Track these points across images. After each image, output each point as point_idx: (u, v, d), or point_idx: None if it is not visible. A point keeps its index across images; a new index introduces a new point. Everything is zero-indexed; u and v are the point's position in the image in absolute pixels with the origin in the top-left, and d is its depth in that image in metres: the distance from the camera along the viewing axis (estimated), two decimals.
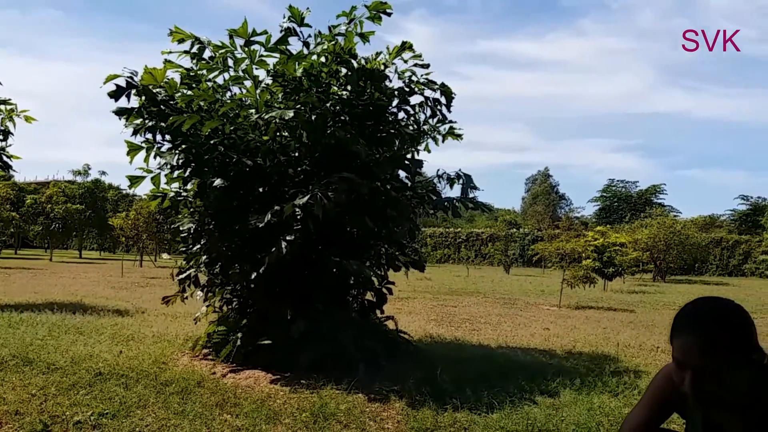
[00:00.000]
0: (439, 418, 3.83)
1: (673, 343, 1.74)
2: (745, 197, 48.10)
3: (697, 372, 1.67)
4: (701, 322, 1.72)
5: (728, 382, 1.67)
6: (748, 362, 1.69)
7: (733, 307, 1.77)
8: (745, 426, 1.72)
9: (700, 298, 1.85)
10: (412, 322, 8.54)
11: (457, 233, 44.87)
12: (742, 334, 1.71)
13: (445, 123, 6.02)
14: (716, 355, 1.65)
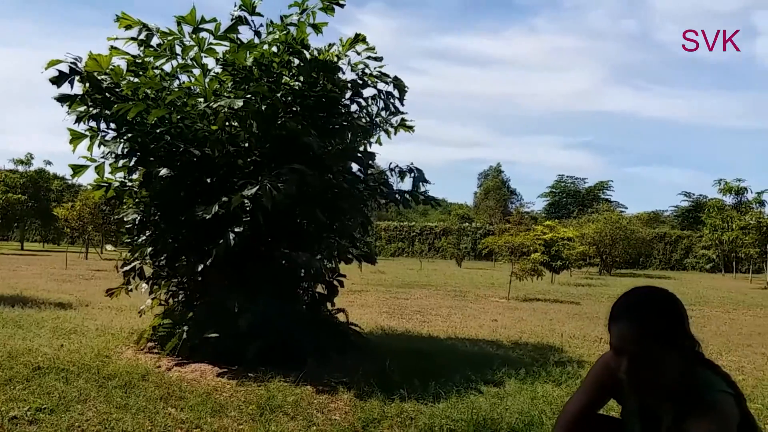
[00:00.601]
0: (386, 408, 3.86)
1: (610, 331, 1.81)
2: (687, 194, 49.99)
3: (632, 358, 1.74)
4: (636, 310, 1.80)
5: (661, 367, 1.73)
6: (679, 349, 1.77)
7: (666, 295, 1.85)
8: (676, 411, 1.79)
9: (636, 287, 1.92)
10: (363, 315, 8.57)
11: (411, 227, 45.13)
12: (675, 322, 1.79)
13: (397, 115, 6.05)
14: (650, 341, 1.72)
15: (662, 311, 1.80)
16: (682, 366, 1.77)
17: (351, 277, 16.15)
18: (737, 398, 1.76)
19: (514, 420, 3.69)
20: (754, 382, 5.28)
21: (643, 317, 1.76)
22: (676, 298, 1.84)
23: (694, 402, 1.71)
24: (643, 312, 1.78)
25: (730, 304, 13.95)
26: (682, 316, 1.81)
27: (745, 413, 1.77)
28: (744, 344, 7.63)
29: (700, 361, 1.86)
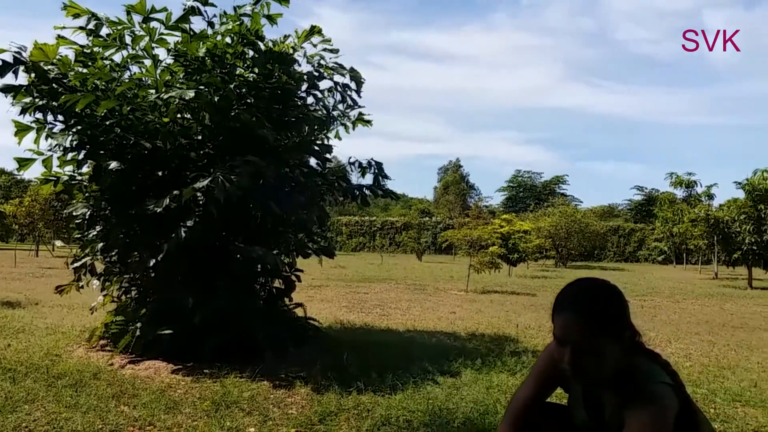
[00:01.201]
0: (342, 401, 3.86)
1: (553, 322, 1.84)
2: (640, 188, 51.42)
3: (574, 349, 1.77)
4: (579, 302, 1.83)
5: (603, 358, 1.77)
6: (621, 339, 1.81)
7: (607, 287, 1.88)
8: (618, 400, 1.82)
9: (579, 279, 1.96)
10: (323, 309, 8.54)
11: (372, 222, 45.15)
12: (616, 313, 1.82)
13: (354, 109, 6.04)
14: (592, 332, 1.75)
15: (603, 302, 1.83)
16: (623, 356, 1.81)
17: (311, 272, 16.12)
18: (676, 388, 1.79)
19: (470, 409, 3.74)
20: (700, 368, 5.47)
21: (585, 309, 1.79)
22: (617, 289, 1.87)
23: (634, 392, 1.75)
24: (584, 303, 1.81)
25: (680, 294, 14.41)
26: (623, 307, 1.85)
27: (685, 402, 1.81)
28: (692, 332, 7.89)
29: (640, 352, 1.89)
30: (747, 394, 4.48)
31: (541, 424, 2.07)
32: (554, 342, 1.87)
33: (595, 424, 1.94)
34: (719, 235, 19.27)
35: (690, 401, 1.86)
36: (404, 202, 60.77)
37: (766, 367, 5.65)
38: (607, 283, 1.91)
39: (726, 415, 3.95)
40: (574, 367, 1.77)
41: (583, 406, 1.98)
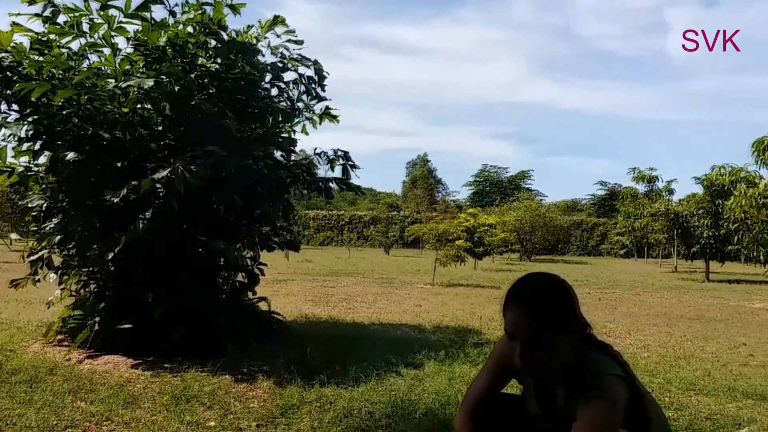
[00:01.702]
0: (305, 394, 3.85)
1: (504, 317, 1.86)
2: (603, 183, 52.28)
3: (524, 343, 1.79)
4: (527, 297, 1.84)
5: (553, 351, 1.79)
6: (570, 333, 1.84)
7: (556, 281, 1.91)
8: (568, 392, 1.85)
9: (528, 274, 1.98)
10: (288, 303, 8.50)
11: (340, 216, 45.03)
12: (565, 307, 1.84)
13: (320, 102, 6.00)
14: (541, 326, 1.77)
15: (551, 297, 1.85)
16: (573, 349, 1.83)
17: (277, 267, 15.99)
18: (626, 379, 1.82)
19: (431, 400, 3.77)
20: (657, 359, 5.61)
21: (534, 303, 1.81)
22: (566, 283, 1.89)
23: (585, 385, 1.77)
24: (533, 298, 1.83)
25: (640, 287, 14.75)
26: (572, 301, 1.87)
27: (635, 392, 1.83)
28: (651, 324, 8.09)
29: (591, 344, 1.92)
30: (701, 383, 4.61)
31: (496, 414, 2.09)
32: (505, 336, 1.89)
33: (547, 415, 1.97)
34: (678, 230, 19.78)
35: (640, 391, 1.88)
36: (372, 196, 60.79)
37: (719, 357, 5.82)
38: (555, 277, 1.93)
39: (680, 403, 4.07)
40: (524, 362, 1.79)
41: (535, 398, 2.01)
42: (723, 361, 5.60)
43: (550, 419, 1.95)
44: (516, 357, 1.80)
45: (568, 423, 1.77)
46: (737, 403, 4.11)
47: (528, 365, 1.80)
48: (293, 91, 5.80)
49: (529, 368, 1.81)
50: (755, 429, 3.52)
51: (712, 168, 15.23)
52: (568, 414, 1.78)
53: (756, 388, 4.47)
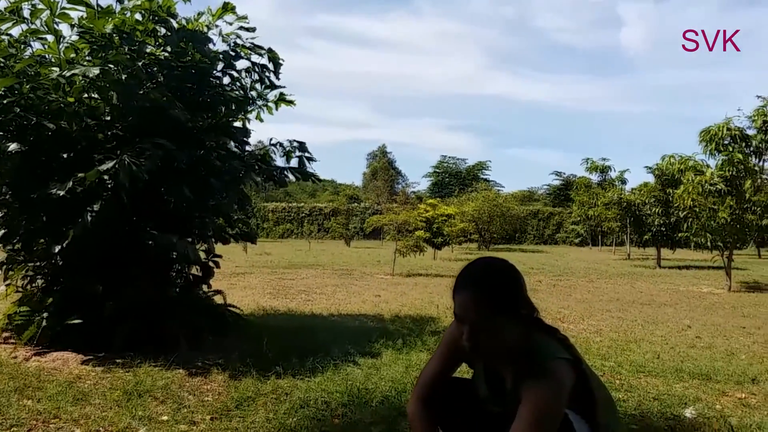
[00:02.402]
0: (261, 386, 3.82)
1: (453, 300, 1.87)
2: (558, 174, 53.39)
3: (473, 326, 1.81)
4: (475, 281, 1.86)
5: (500, 334, 1.81)
6: (518, 316, 1.86)
7: (505, 265, 1.93)
8: (516, 375, 1.88)
9: (478, 259, 2.00)
10: (245, 297, 8.41)
11: (299, 208, 44.72)
12: (513, 291, 1.87)
13: (274, 89, 5.91)
14: (489, 310, 1.79)
15: (499, 281, 1.87)
16: (520, 333, 1.85)
17: (235, 259, 15.79)
18: (573, 362, 1.85)
19: (388, 388, 3.78)
20: (609, 343, 5.75)
21: (482, 287, 1.83)
22: (514, 267, 1.92)
23: (531, 368, 1.79)
24: (482, 282, 1.85)
25: (594, 273, 15.12)
26: (520, 285, 1.89)
27: (581, 375, 1.87)
28: (603, 309, 8.30)
29: (538, 328, 1.94)
30: (650, 365, 4.75)
31: (447, 398, 2.11)
32: (455, 320, 1.91)
33: (496, 398, 1.99)
34: (631, 218, 20.30)
35: (587, 374, 1.92)
36: (333, 188, 60.55)
37: (668, 340, 6.01)
38: (504, 262, 1.95)
39: (630, 385, 4.19)
40: (472, 344, 1.81)
41: (485, 381, 2.03)
42: (671, 344, 5.78)
43: (499, 402, 1.97)
44: (464, 340, 1.82)
45: (516, 406, 1.79)
46: (684, 384, 4.25)
47: (475, 348, 1.82)
48: (246, 79, 5.71)
49: (476, 351, 1.83)
50: (700, 408, 3.64)
51: (662, 158, 15.67)
52: (516, 397, 1.81)
53: (701, 369, 4.63)
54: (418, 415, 2.11)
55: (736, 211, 11.20)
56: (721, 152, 11.40)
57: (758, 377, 4.42)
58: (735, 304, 9.34)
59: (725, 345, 5.80)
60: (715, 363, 4.89)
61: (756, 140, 11.56)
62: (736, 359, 5.11)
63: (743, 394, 3.99)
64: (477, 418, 2.09)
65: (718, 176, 11.25)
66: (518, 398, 1.79)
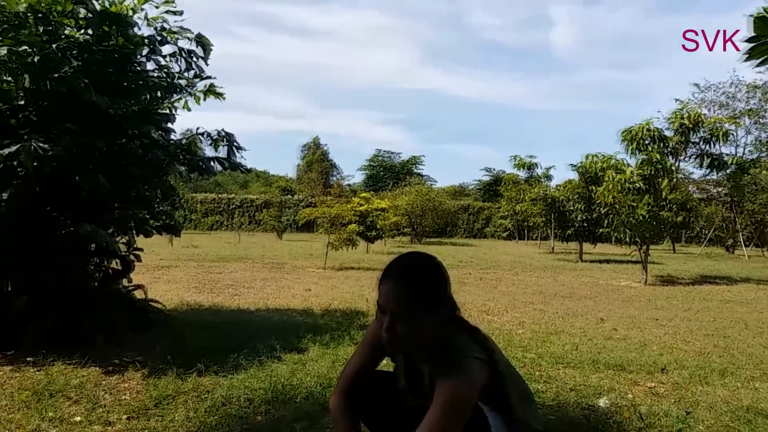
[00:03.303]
0: (181, 384, 3.70)
1: (378, 290, 1.88)
2: (488, 169, 54.46)
3: (393, 316, 1.82)
4: (401, 273, 1.89)
5: (418, 327, 1.84)
6: (438, 312, 1.88)
7: (431, 261, 1.96)
8: (432, 370, 1.91)
9: (407, 253, 2.02)
10: (169, 291, 8.16)
11: (230, 199, 43.77)
12: (435, 286, 1.90)
13: (203, 78, 5.73)
14: (411, 302, 1.82)
15: (425, 275, 1.90)
16: (440, 329, 1.89)
17: (160, 252, 15.30)
18: (489, 363, 1.90)
19: (314, 383, 3.76)
20: (531, 335, 5.93)
21: (407, 279, 1.86)
22: (441, 265, 1.95)
23: (446, 364, 1.83)
24: (407, 274, 1.88)
25: (520, 267, 15.57)
26: (444, 282, 1.93)
27: (496, 375, 1.92)
28: (527, 302, 8.56)
29: (460, 326, 1.98)
30: (569, 357, 4.93)
31: (369, 391, 2.12)
32: (378, 311, 1.92)
33: (415, 392, 2.02)
34: (555, 213, 21.02)
35: (503, 376, 1.96)
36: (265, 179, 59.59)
37: (587, 332, 6.26)
38: (431, 258, 1.98)
39: (549, 376, 4.33)
40: (390, 334, 1.83)
41: (405, 375, 2.05)
42: (589, 336, 6.02)
43: (417, 396, 2.00)
44: (384, 330, 1.83)
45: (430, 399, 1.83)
46: (599, 374, 4.43)
47: (393, 338, 1.84)
48: (173, 65, 5.50)
49: (394, 342, 1.85)
50: (613, 397, 3.81)
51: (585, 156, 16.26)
52: (431, 391, 1.84)
53: (617, 360, 4.85)
54: (340, 408, 2.11)
55: (653, 208, 11.78)
56: (641, 152, 11.95)
57: (667, 367, 4.66)
58: (650, 296, 9.83)
59: (639, 336, 6.09)
60: (629, 354, 5.13)
61: (673, 141, 12.17)
62: (649, 350, 5.37)
63: (653, 384, 4.20)
64: (397, 411, 2.11)
65: (637, 175, 11.79)
66: (432, 393, 1.82)
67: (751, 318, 7.57)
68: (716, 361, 4.93)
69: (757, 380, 4.36)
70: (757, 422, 3.34)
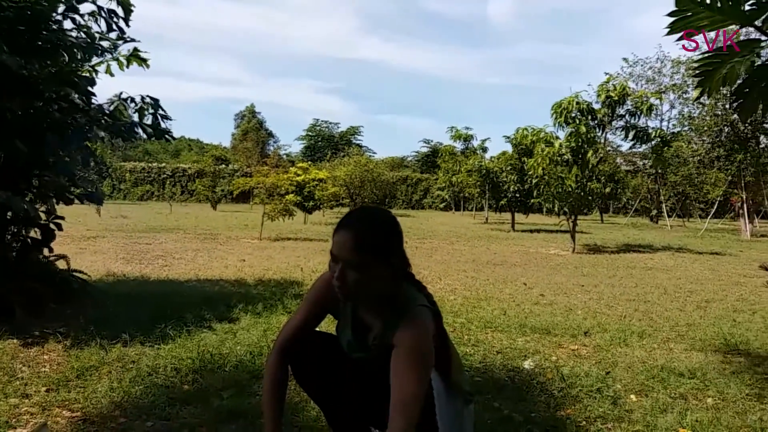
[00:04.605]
0: (105, 355, 3.59)
1: (332, 240, 1.89)
2: (427, 141, 54.95)
3: (346, 264, 1.83)
4: (354, 223, 1.90)
5: (371, 277, 1.85)
6: (390, 264, 1.90)
7: (387, 215, 1.99)
8: (383, 321, 1.94)
9: (363, 206, 2.05)
10: (95, 262, 7.87)
11: (161, 168, 42.43)
12: (388, 238, 1.92)
13: (127, 41, 5.47)
14: (364, 251, 1.83)
15: (377, 226, 1.93)
16: (390, 281, 1.92)
17: (87, 223, 14.71)
18: (435, 314, 1.95)
19: (244, 352, 3.72)
20: (462, 301, 6.07)
21: (361, 229, 1.88)
22: (394, 219, 1.98)
23: (399, 313, 1.86)
24: (362, 224, 1.90)
25: (455, 237, 15.86)
26: (397, 235, 1.95)
27: (439, 327, 1.97)
28: (460, 270, 8.74)
29: (408, 280, 2.02)
30: (497, 321, 5.08)
31: (307, 349, 2.11)
32: (325, 273, 1.92)
33: (360, 344, 2.04)
34: (490, 184, 21.46)
35: (443, 328, 2.03)
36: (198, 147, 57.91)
37: (515, 297, 6.46)
38: (386, 211, 2.02)
39: (477, 339, 4.45)
40: (341, 282, 1.84)
41: (351, 328, 2.07)
42: (518, 301, 6.22)
43: (363, 349, 2.02)
44: (335, 279, 1.84)
45: (380, 351, 1.86)
46: (526, 338, 4.59)
47: (344, 287, 1.85)
48: (92, 24, 5.21)
49: (345, 290, 1.86)
50: (538, 359, 3.96)
51: (516, 130, 16.62)
52: (382, 342, 1.88)
53: (542, 324, 5.03)
54: (274, 368, 2.10)
55: (582, 179, 12.19)
56: (569, 125, 12.29)
57: (590, 330, 4.87)
58: (577, 264, 10.23)
59: (565, 302, 6.34)
60: (555, 318, 5.33)
61: (600, 114, 12.57)
62: (573, 314, 5.60)
63: (576, 346, 4.39)
64: (333, 371, 2.13)
65: (566, 147, 12.14)
66: (383, 344, 1.85)
67: (670, 284, 8.01)
68: (636, 325, 5.19)
69: (672, 341, 4.62)
70: (670, 380, 3.54)
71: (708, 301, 6.62)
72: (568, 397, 3.20)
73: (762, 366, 3.93)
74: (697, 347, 4.44)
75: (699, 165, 23.69)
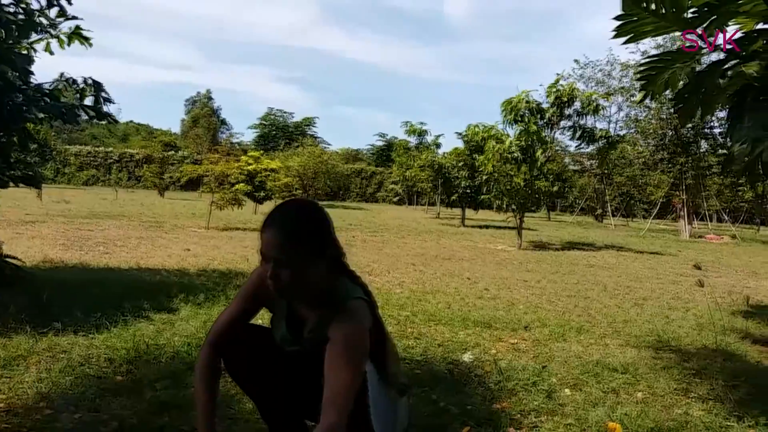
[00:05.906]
0: (35, 344, 3.46)
1: (260, 239, 1.85)
2: (382, 135, 55.17)
3: (276, 263, 1.80)
4: (282, 219, 1.87)
5: (304, 273, 1.83)
6: (321, 255, 1.89)
7: (313, 206, 1.96)
8: (319, 315, 1.92)
9: (288, 200, 2.01)
10: (32, 248, 7.57)
11: (108, 153, 41.13)
12: (317, 230, 1.90)
13: (68, 19, 5.26)
14: (294, 247, 1.81)
15: (305, 219, 1.90)
16: (325, 273, 1.90)
17: (27, 207, 14.17)
18: (370, 306, 1.95)
19: (181, 343, 3.65)
20: (408, 294, 6.12)
21: (287, 225, 1.85)
22: (322, 209, 1.96)
23: (334, 307, 1.85)
24: (288, 220, 1.87)
25: (406, 231, 15.95)
26: (326, 225, 1.93)
27: (376, 319, 1.97)
28: (409, 263, 8.80)
29: (342, 270, 2.00)
30: (441, 314, 5.13)
31: (240, 342, 2.08)
32: (259, 267, 1.89)
33: (294, 338, 2.02)
34: (442, 180, 21.67)
35: (380, 319, 2.02)
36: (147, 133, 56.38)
37: (460, 291, 6.55)
38: (311, 203, 1.99)
39: (420, 332, 4.49)
40: (274, 281, 1.81)
41: (286, 322, 2.04)
42: (462, 295, 6.31)
43: (297, 342, 2.01)
44: (268, 278, 1.81)
45: (315, 345, 1.84)
46: (468, 331, 4.66)
47: (278, 285, 1.82)
48: (32, 0, 4.99)
49: (279, 288, 1.84)
50: (477, 353, 4.02)
51: (468, 126, 16.80)
52: (317, 335, 1.86)
53: (485, 317, 5.11)
54: (205, 361, 2.06)
55: (530, 178, 12.43)
56: (518, 123, 12.51)
57: (530, 325, 4.98)
58: (522, 260, 10.45)
59: (508, 296, 6.46)
60: (497, 312, 5.43)
61: (549, 113, 12.83)
62: (515, 309, 5.72)
63: (516, 340, 4.48)
64: (266, 365, 2.10)
65: (515, 145, 12.35)
66: (319, 338, 1.83)
67: (611, 281, 8.26)
68: (575, 320, 5.33)
69: (608, 337, 4.77)
70: (604, 375, 3.65)
71: (645, 299, 6.86)
72: (504, 390, 3.27)
73: (691, 362, 4.10)
74: (632, 343, 4.60)
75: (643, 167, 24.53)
